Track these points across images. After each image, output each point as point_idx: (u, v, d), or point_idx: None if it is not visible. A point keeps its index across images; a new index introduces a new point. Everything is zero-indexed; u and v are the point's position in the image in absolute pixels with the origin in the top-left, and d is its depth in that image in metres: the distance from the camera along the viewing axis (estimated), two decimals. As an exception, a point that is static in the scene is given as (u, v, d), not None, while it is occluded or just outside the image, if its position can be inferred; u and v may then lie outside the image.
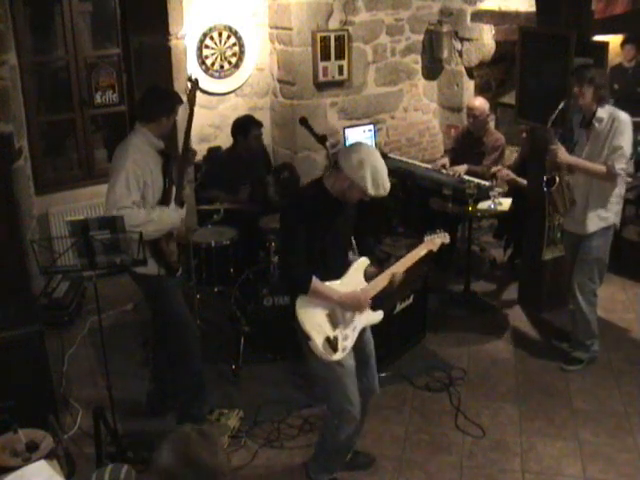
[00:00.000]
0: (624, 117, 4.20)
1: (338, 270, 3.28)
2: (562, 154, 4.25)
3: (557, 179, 4.30)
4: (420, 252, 3.46)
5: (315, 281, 3.12)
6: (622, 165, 4.17)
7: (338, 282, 3.25)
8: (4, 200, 4.28)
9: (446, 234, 3.56)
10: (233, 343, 4.74)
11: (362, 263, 3.36)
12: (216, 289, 5.07)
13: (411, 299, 4.73)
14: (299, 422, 4.10)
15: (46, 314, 4.89)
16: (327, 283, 3.20)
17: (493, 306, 5.50)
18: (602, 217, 4.35)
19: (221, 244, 4.92)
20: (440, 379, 4.52)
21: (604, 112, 4.22)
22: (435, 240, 3.51)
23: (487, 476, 3.69)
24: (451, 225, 5.98)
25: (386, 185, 3.10)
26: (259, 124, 5.54)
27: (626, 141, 4.17)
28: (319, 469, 3.58)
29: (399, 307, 4.62)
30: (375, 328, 3.55)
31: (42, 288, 5.31)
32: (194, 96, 4.00)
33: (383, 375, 4.45)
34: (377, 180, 3.06)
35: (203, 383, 4.06)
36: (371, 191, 3.06)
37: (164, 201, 3.76)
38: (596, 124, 4.23)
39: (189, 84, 4.07)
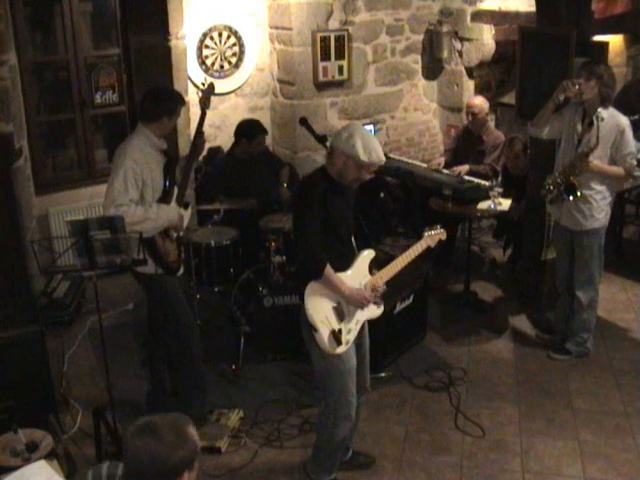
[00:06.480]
0: (625, 121, 4.26)
1: (347, 259, 3.31)
2: (595, 164, 4.26)
3: (576, 185, 4.27)
4: (419, 248, 3.49)
5: (329, 268, 3.15)
6: (635, 165, 4.35)
7: (346, 274, 3.27)
8: (4, 200, 4.28)
9: (444, 230, 3.59)
10: (233, 343, 4.74)
11: (368, 254, 3.38)
12: (216, 289, 5.07)
13: (411, 299, 4.72)
14: (299, 422, 4.10)
15: (46, 314, 4.88)
16: (338, 274, 3.22)
17: (493, 306, 5.50)
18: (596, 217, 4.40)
19: (221, 244, 4.92)
20: (440, 379, 4.52)
21: (606, 113, 4.22)
22: (434, 236, 3.54)
23: (487, 476, 3.69)
24: (451, 225, 5.99)
25: (379, 154, 3.17)
26: (265, 131, 5.52)
27: (632, 144, 4.28)
28: (319, 470, 3.57)
29: (399, 307, 4.62)
30: (376, 328, 3.55)
31: (42, 288, 5.31)
32: (207, 99, 4.01)
33: (383, 375, 4.46)
34: (368, 147, 3.13)
35: (204, 383, 4.06)
36: (364, 158, 3.12)
37: (164, 201, 3.76)
38: (598, 123, 4.18)
39: (200, 88, 4.08)
